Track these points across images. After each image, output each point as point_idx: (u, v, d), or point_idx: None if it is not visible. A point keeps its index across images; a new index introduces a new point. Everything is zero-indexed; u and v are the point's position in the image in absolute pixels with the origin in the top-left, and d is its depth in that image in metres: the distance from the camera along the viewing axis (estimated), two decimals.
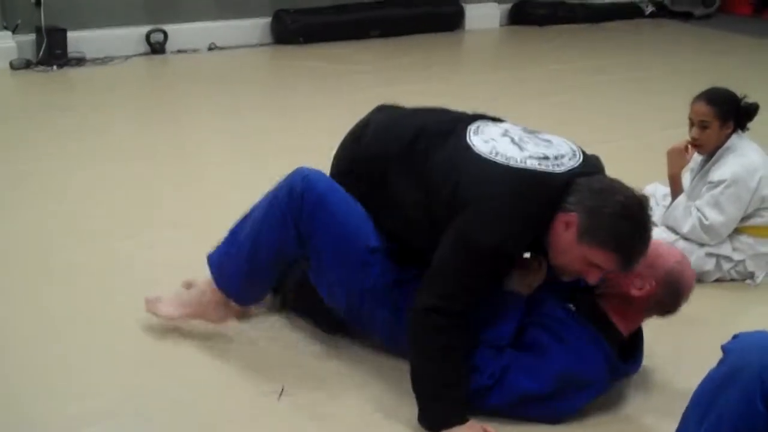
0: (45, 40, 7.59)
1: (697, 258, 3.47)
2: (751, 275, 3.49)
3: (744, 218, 3.42)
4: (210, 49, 8.59)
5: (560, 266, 2.63)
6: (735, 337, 1.91)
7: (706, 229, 3.38)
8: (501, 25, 10.20)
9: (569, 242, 2.53)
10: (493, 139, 2.73)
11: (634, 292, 2.64)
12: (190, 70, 8.05)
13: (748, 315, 3.32)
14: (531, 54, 8.91)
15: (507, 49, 9.65)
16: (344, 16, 9.07)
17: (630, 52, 8.92)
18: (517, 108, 6.21)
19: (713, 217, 3.35)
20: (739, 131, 3.43)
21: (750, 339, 1.85)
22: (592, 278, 2.58)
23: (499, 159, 2.65)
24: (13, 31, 7.66)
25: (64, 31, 7.70)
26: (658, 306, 2.71)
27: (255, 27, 8.86)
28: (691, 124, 3.43)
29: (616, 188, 2.56)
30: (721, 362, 1.89)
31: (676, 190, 3.51)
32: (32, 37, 7.68)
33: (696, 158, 3.57)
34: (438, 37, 9.34)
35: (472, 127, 2.80)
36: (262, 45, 8.85)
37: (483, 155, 2.67)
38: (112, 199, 4.61)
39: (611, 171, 2.77)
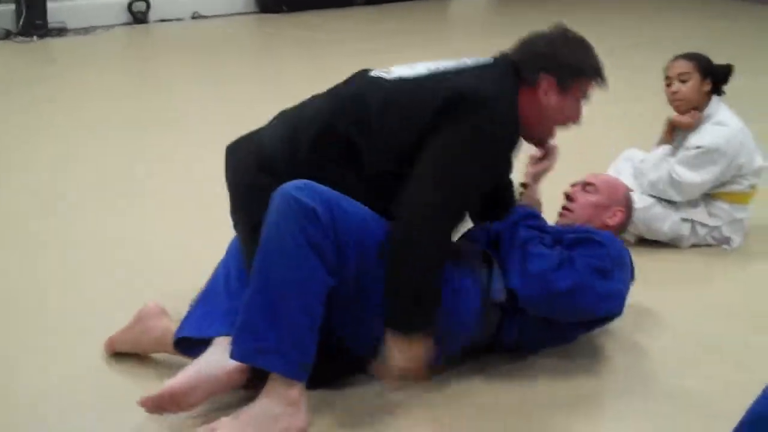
0: (24, 9, 7.46)
1: (672, 223, 3.41)
2: (727, 240, 3.47)
3: (720, 185, 3.40)
4: (193, 17, 8.53)
5: (549, 129, 2.59)
6: None
7: (673, 183, 3.32)
8: None
9: (558, 100, 2.51)
10: (404, 67, 2.56)
11: (609, 222, 2.82)
12: (173, 39, 7.93)
13: (725, 279, 3.30)
14: (519, 23, 8.77)
15: (494, 17, 9.45)
16: None
17: (623, 19, 8.79)
18: None
19: (683, 173, 3.29)
20: (716, 96, 3.41)
21: None
22: (580, 114, 2.59)
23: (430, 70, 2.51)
24: None
25: (44, 1, 7.55)
26: (623, 227, 2.90)
27: None
28: (669, 82, 3.40)
29: (544, 35, 2.58)
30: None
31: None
32: (11, 6, 7.54)
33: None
34: (424, 5, 9.21)
35: (373, 74, 2.57)
36: (246, 13, 8.79)
37: (413, 76, 2.50)
38: (90, 169, 4.40)
39: (595, 136, 2.76)
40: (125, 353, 2.64)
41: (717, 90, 3.43)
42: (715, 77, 3.40)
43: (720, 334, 2.85)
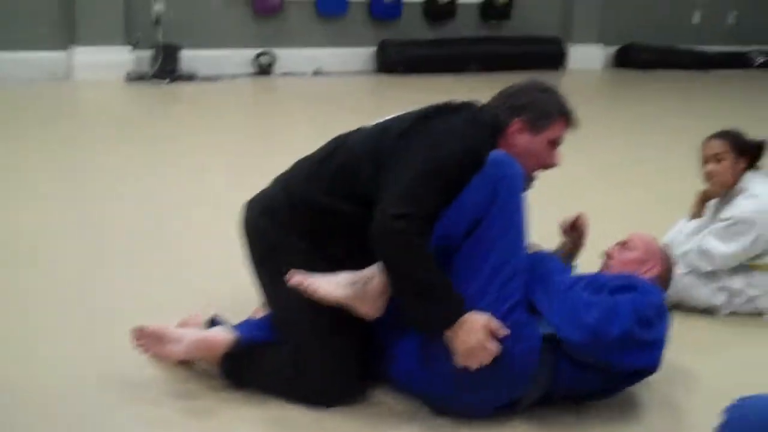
0: (160, 55, 7.96)
1: (707, 292, 3.39)
2: (766, 311, 3.43)
3: (755, 257, 3.40)
4: (315, 73, 8.92)
5: (528, 169, 2.61)
6: (738, 402, 1.80)
7: (703, 253, 3.28)
8: (604, 67, 10.22)
9: (529, 140, 2.62)
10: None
11: (646, 275, 2.80)
12: (294, 92, 8.22)
13: (760, 344, 3.26)
14: (629, 96, 8.84)
15: (608, 87, 9.55)
16: (445, 50, 9.17)
17: (730, 102, 8.66)
18: (602, 142, 6.21)
19: (713, 244, 3.31)
20: (751, 170, 3.42)
21: (749, 407, 1.76)
22: (557, 158, 2.67)
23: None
24: (133, 46, 8.06)
25: (178, 49, 8.04)
26: (661, 283, 2.86)
27: (359, 55, 9.06)
28: (705, 162, 3.45)
29: (515, 85, 2.70)
30: (719, 427, 1.79)
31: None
32: (149, 52, 8.03)
33: (710, 203, 3.57)
34: (538, 75, 9.28)
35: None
36: (364, 72, 9.08)
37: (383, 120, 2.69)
38: (188, 206, 4.47)
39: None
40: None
41: (752, 165, 3.44)
42: (750, 154, 3.41)
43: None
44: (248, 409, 2.51)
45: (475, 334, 2.33)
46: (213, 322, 2.79)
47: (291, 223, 2.61)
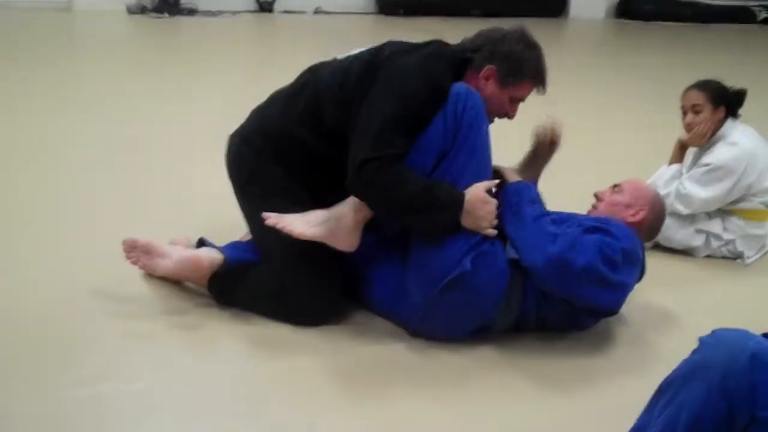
0: None
1: (686, 233, 3.50)
2: (741, 254, 3.54)
3: (733, 202, 3.50)
4: (316, 12, 8.92)
5: (487, 113, 2.60)
6: (714, 331, 1.85)
7: (680, 196, 3.40)
8: (606, 17, 10.20)
9: (494, 90, 2.60)
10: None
11: (631, 219, 2.78)
12: (294, 30, 8.26)
13: (736, 285, 3.35)
14: (630, 47, 8.86)
15: (607, 39, 9.50)
16: None
17: (731, 57, 8.61)
18: (600, 91, 6.22)
19: (691, 188, 3.40)
20: (731, 119, 3.50)
21: (724, 336, 1.82)
22: (514, 111, 2.67)
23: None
24: None
25: None
26: (649, 230, 2.86)
27: None
28: (684, 113, 3.52)
29: (501, 30, 2.65)
30: (692, 353, 1.85)
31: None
32: None
33: (692, 150, 3.63)
34: (539, 22, 9.31)
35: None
36: (365, 13, 9.12)
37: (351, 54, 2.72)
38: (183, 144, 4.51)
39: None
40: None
41: (733, 113, 3.49)
42: (729, 103, 3.46)
43: None
44: (233, 325, 2.60)
45: (488, 202, 2.45)
46: (201, 243, 2.88)
47: (267, 151, 2.69)
